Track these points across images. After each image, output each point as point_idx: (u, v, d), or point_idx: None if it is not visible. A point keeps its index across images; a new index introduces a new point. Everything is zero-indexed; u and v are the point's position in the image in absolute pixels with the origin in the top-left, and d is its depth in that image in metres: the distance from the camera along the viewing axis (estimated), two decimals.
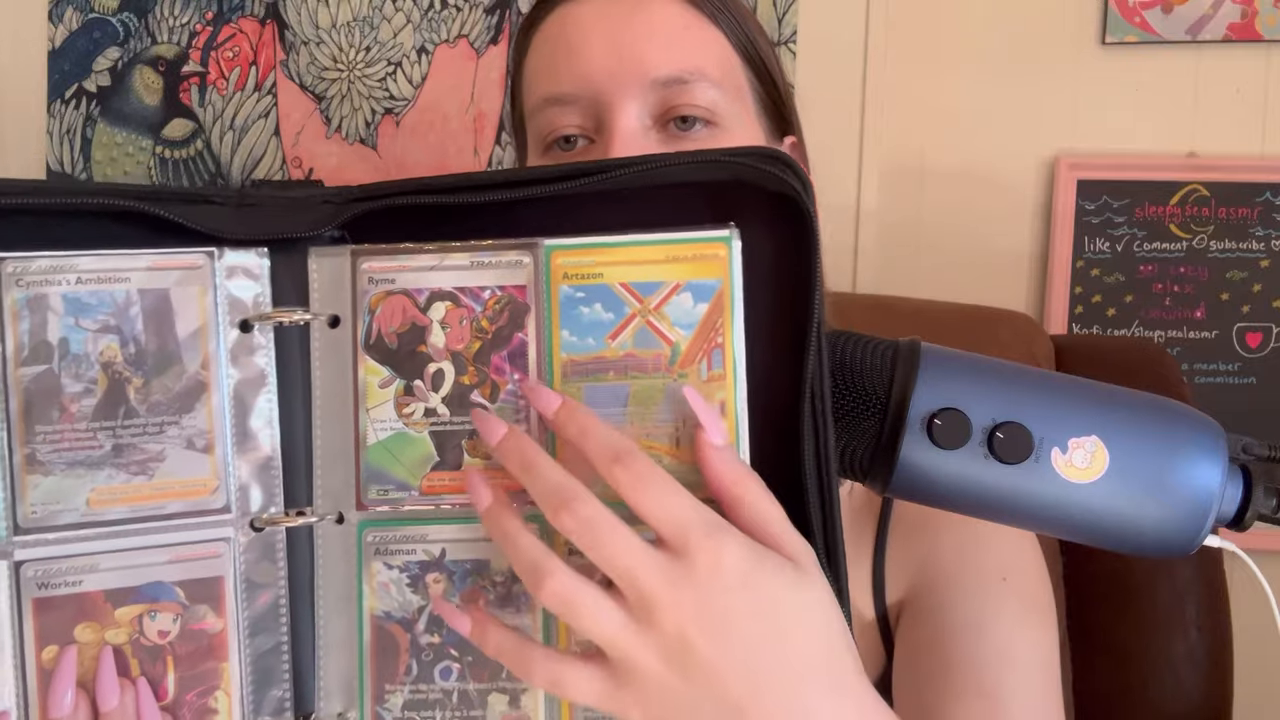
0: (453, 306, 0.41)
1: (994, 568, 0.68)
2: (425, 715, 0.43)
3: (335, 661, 0.44)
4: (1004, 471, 0.47)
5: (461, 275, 0.41)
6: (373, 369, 0.42)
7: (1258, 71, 1.34)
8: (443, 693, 0.43)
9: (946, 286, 1.34)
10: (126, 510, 0.41)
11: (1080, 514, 0.47)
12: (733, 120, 0.64)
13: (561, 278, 0.41)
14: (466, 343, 0.42)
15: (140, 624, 0.42)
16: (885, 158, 1.44)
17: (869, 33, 1.43)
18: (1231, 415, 1.33)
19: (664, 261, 0.40)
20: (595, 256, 0.41)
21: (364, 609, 0.43)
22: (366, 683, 0.44)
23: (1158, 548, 0.48)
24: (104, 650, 0.41)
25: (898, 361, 0.48)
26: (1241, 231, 1.35)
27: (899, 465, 0.47)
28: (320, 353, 0.42)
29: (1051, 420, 0.47)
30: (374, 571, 0.43)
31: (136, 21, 1.66)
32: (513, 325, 0.41)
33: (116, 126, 1.68)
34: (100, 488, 0.41)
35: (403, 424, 0.42)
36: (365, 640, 0.43)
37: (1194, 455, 0.47)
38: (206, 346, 0.41)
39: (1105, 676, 1.12)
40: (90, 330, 0.40)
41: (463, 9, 1.58)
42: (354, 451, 0.42)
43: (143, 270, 0.40)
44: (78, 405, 0.40)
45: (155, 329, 0.41)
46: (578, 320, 0.41)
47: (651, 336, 0.41)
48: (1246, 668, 1.12)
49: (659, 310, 0.41)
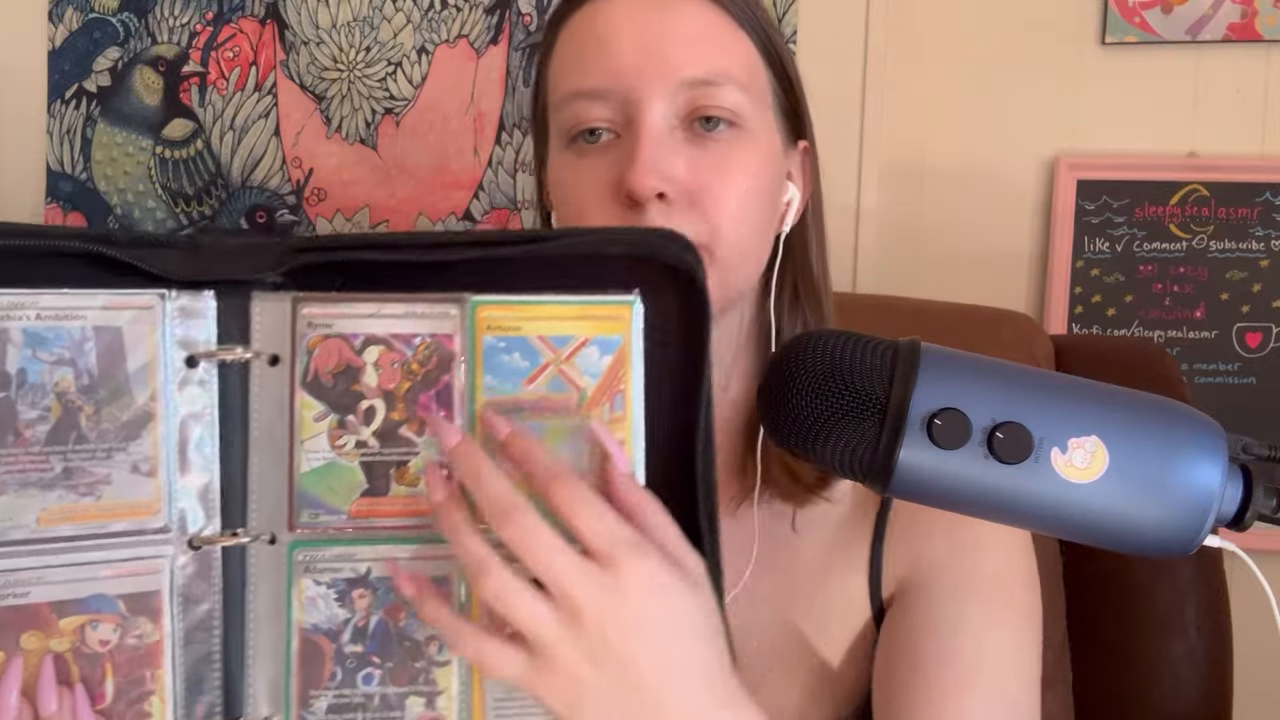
0: (386, 350, 0.46)
1: (980, 570, 0.68)
2: (348, 718, 0.47)
3: (264, 670, 0.47)
4: (1004, 471, 0.47)
5: (396, 323, 0.46)
6: (308, 404, 0.46)
7: (1257, 71, 1.34)
8: (364, 696, 0.47)
9: (946, 286, 1.34)
10: (74, 528, 0.44)
11: (1080, 514, 0.47)
12: (754, 122, 0.65)
13: (485, 329, 0.46)
14: (397, 383, 0.46)
15: (83, 633, 0.45)
16: (885, 158, 1.44)
17: (869, 33, 1.43)
18: (1231, 415, 1.33)
19: (576, 319, 0.47)
20: (516, 312, 0.46)
21: (292, 621, 0.47)
22: (293, 688, 0.47)
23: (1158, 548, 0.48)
24: (45, 659, 0.44)
25: (897, 361, 0.49)
26: (1241, 231, 1.35)
27: (899, 465, 0.47)
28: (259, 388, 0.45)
29: (1051, 420, 0.47)
30: (303, 587, 0.46)
31: (137, 21, 1.66)
32: (440, 369, 0.46)
33: (117, 126, 1.68)
34: (51, 507, 0.44)
35: (335, 454, 0.46)
36: (293, 650, 0.47)
37: (1194, 455, 0.47)
38: (154, 380, 0.45)
39: (1105, 676, 1.12)
40: (47, 362, 0.43)
41: (463, 9, 1.58)
42: (288, 478, 0.46)
43: (98, 309, 0.44)
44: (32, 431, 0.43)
45: (107, 363, 0.44)
46: (499, 367, 0.46)
47: (563, 383, 0.47)
48: (1246, 668, 1.12)
49: (570, 360, 0.47)
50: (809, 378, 0.50)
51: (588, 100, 0.64)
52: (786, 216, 0.70)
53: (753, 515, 0.70)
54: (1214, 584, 1.10)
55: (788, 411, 0.50)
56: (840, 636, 0.71)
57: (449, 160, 1.61)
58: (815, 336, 0.51)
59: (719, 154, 0.63)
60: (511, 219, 1.59)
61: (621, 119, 0.63)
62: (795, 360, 0.50)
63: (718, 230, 0.62)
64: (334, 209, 1.64)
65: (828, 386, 0.49)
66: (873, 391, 0.48)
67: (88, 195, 1.70)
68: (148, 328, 0.44)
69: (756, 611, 0.71)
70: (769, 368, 0.52)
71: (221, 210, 1.67)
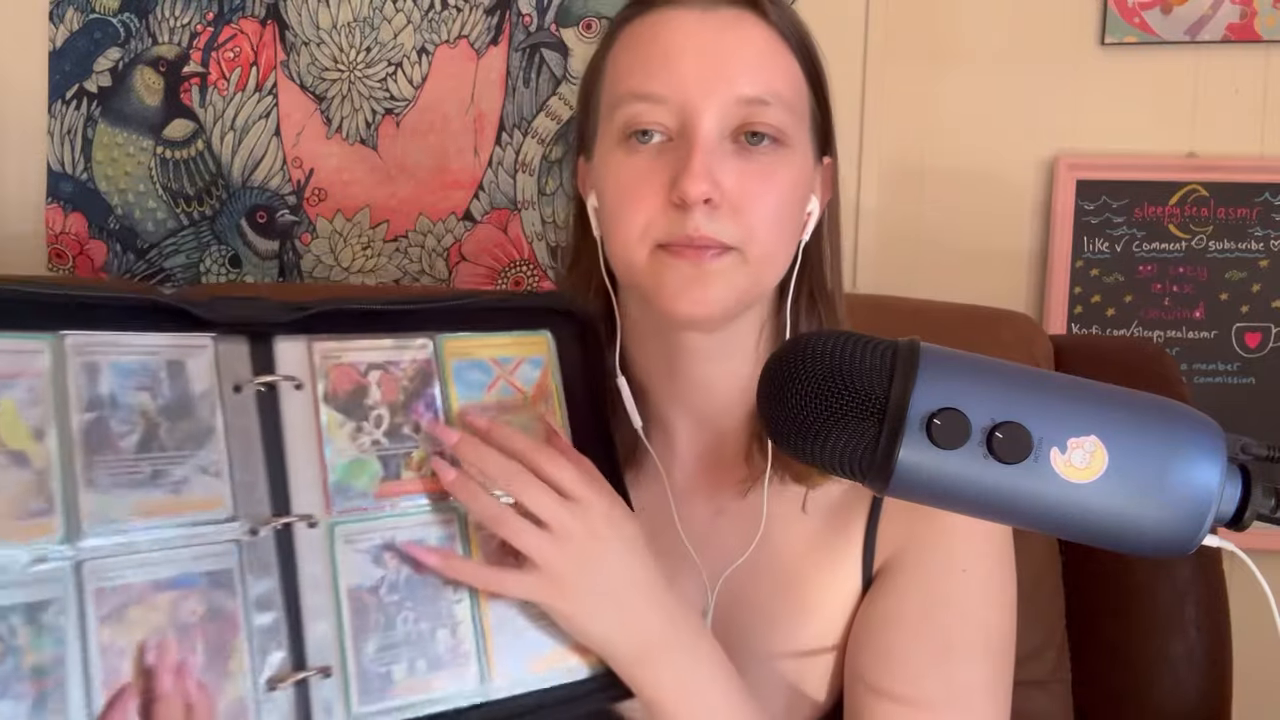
0: (384, 373, 0.62)
1: (958, 558, 0.72)
2: (393, 653, 0.60)
3: (319, 625, 0.58)
4: (1003, 471, 0.47)
5: (387, 353, 0.62)
6: (332, 416, 0.60)
7: (1257, 72, 1.35)
8: (403, 635, 0.60)
9: (946, 286, 1.34)
10: (162, 520, 0.54)
11: (1079, 514, 0.47)
12: (794, 140, 0.71)
13: (451, 355, 0.64)
14: (395, 396, 0.62)
15: (176, 606, 0.54)
16: (885, 158, 1.44)
17: (869, 33, 1.43)
18: (1230, 415, 1.33)
19: (513, 346, 0.67)
20: (472, 343, 0.65)
21: (339, 584, 0.59)
22: (347, 637, 0.59)
23: (1157, 547, 0.48)
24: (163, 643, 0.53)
25: (897, 361, 0.49)
26: (1240, 232, 1.35)
27: (898, 465, 0.47)
28: (288, 406, 0.58)
29: (1050, 420, 0.47)
30: (345, 555, 0.59)
31: (137, 22, 1.67)
32: (423, 384, 0.63)
33: (117, 127, 1.68)
34: (143, 502, 0.54)
35: (357, 452, 0.61)
36: (343, 606, 0.59)
37: (1193, 455, 0.47)
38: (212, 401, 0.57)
39: (1105, 676, 1.13)
40: (131, 388, 0.54)
41: (463, 10, 1.58)
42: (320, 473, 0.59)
43: (168, 346, 0.56)
44: (124, 442, 0.54)
45: (176, 388, 0.56)
46: (465, 381, 0.64)
47: (510, 389, 0.66)
48: (1245, 668, 1.13)
49: (513, 374, 0.67)
50: (808, 378, 0.50)
51: (647, 104, 0.68)
52: (808, 226, 0.75)
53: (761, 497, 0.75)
54: (1213, 584, 1.10)
55: (787, 412, 0.50)
56: (834, 610, 0.75)
57: (449, 160, 1.61)
58: (814, 337, 0.51)
59: (762, 167, 0.68)
60: (511, 219, 1.59)
61: (676, 125, 0.68)
62: (794, 360, 0.51)
63: (754, 235, 0.68)
64: (334, 209, 1.64)
65: (827, 386, 0.49)
66: (872, 391, 0.48)
67: (88, 195, 1.70)
68: (205, 362, 0.57)
69: (757, 584, 0.75)
70: (767, 368, 0.52)
71: (222, 210, 1.67)
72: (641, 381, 0.77)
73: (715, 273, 0.68)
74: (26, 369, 0.51)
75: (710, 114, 0.67)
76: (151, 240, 1.70)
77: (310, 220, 1.65)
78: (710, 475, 0.78)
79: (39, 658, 0.49)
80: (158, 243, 1.70)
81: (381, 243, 1.64)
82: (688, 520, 0.76)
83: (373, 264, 1.64)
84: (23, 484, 0.50)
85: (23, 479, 0.50)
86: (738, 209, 0.67)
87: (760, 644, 0.75)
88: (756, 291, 0.72)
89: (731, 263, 0.68)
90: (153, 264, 1.71)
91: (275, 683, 0.56)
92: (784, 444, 0.52)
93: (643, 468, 0.77)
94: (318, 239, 1.65)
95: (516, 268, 1.59)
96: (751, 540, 0.74)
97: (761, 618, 0.75)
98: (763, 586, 0.75)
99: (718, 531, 0.76)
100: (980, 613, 0.72)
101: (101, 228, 1.71)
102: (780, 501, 0.75)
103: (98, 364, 0.53)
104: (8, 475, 0.50)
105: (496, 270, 1.60)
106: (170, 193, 1.68)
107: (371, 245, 1.64)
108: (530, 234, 1.59)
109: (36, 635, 0.49)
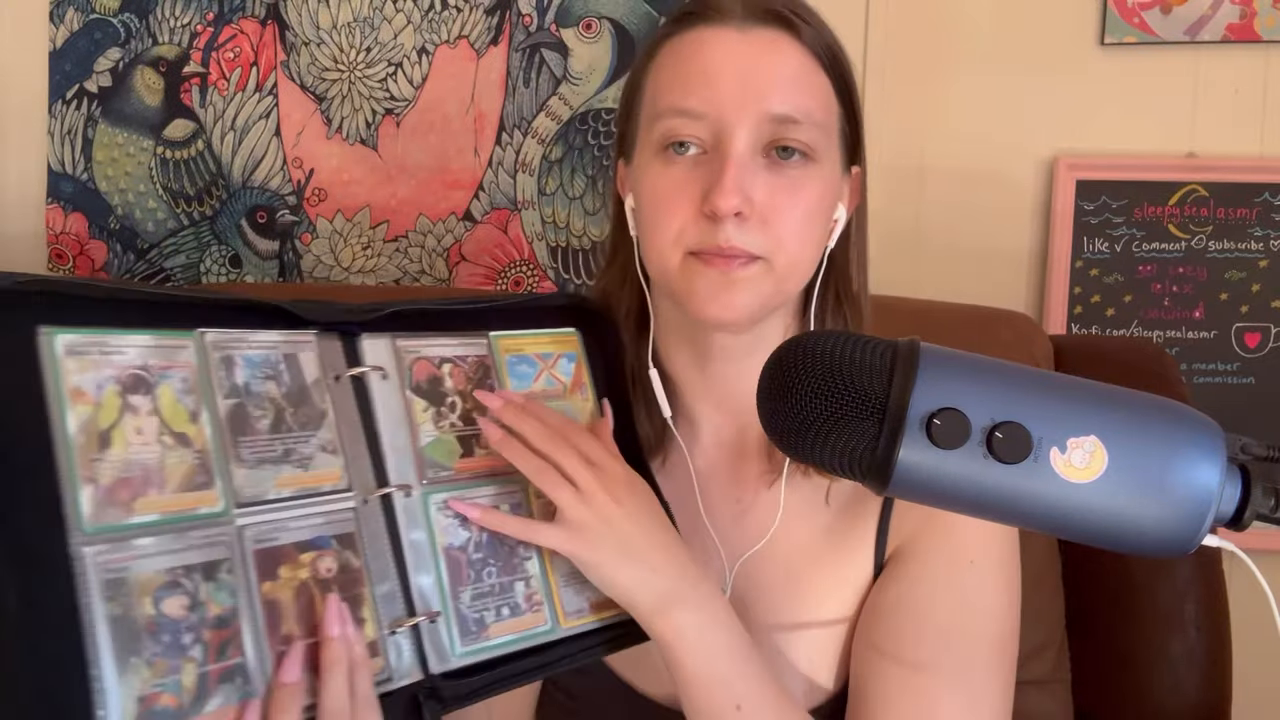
0: (454, 366, 0.72)
1: (965, 550, 0.75)
2: (483, 601, 0.70)
3: (422, 578, 0.68)
4: (1003, 471, 0.47)
5: (454, 349, 0.72)
6: (417, 403, 0.70)
7: (1256, 72, 1.35)
8: (490, 586, 0.70)
9: (946, 286, 1.34)
10: (296, 490, 0.63)
11: (1079, 513, 0.48)
12: (823, 155, 0.75)
13: (503, 351, 0.74)
14: (464, 385, 0.72)
15: (315, 565, 0.62)
16: (885, 157, 1.44)
17: (869, 34, 1.43)
18: (1230, 415, 1.33)
19: (550, 342, 0.77)
20: (519, 341, 0.75)
21: (436, 543, 0.69)
22: (446, 588, 0.68)
23: (1156, 547, 0.48)
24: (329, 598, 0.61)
25: (897, 361, 0.49)
26: (1240, 232, 1.35)
27: (898, 465, 0.47)
28: (377, 393, 0.68)
29: (1050, 420, 0.47)
30: (436, 520, 0.68)
31: (137, 22, 1.67)
32: (484, 375, 0.74)
33: (118, 127, 1.68)
34: (281, 477, 0.62)
35: (439, 432, 0.71)
36: (440, 562, 0.68)
37: (1192, 455, 0.47)
38: (321, 388, 0.66)
39: (1104, 676, 1.13)
40: (260, 378, 0.63)
41: (463, 10, 1.58)
42: (412, 449, 0.68)
43: (283, 342, 0.65)
44: (260, 424, 0.62)
45: (294, 377, 0.65)
46: (516, 373, 0.75)
47: (553, 380, 0.77)
48: (1245, 668, 1.13)
49: (554, 367, 0.77)
50: (808, 378, 0.50)
51: (685, 119, 0.73)
52: (834, 233, 0.78)
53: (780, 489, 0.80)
54: (1213, 584, 1.10)
55: (787, 411, 0.50)
56: (848, 595, 0.78)
57: (449, 160, 1.61)
58: (814, 337, 0.51)
59: (791, 181, 0.73)
60: (511, 219, 1.59)
61: (711, 139, 0.72)
62: (794, 360, 0.51)
63: (780, 245, 0.72)
64: (334, 209, 1.64)
65: (827, 386, 0.49)
66: (872, 391, 0.48)
67: (89, 195, 1.70)
68: (312, 355, 0.65)
69: (774, 569, 0.79)
70: (768, 367, 0.52)
71: (222, 210, 1.67)
72: (671, 374, 0.82)
73: (742, 280, 0.72)
74: (177, 361, 0.59)
75: (744, 130, 0.71)
76: (152, 240, 1.70)
77: (310, 220, 1.65)
78: (733, 466, 0.82)
79: (220, 610, 0.57)
80: (158, 243, 1.70)
81: (381, 243, 1.64)
82: (711, 507, 0.81)
83: (373, 264, 1.64)
84: (188, 461, 0.58)
85: (187, 456, 0.58)
86: (766, 220, 0.72)
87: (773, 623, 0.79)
88: (781, 297, 0.76)
89: (758, 271, 0.73)
90: (153, 264, 1.71)
91: (394, 627, 0.65)
92: (783, 443, 0.52)
93: (668, 456, 0.82)
94: (318, 239, 1.65)
95: (516, 268, 1.59)
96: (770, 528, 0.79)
97: (776, 601, 0.79)
98: (779, 571, 0.79)
99: (739, 519, 0.80)
100: (986, 601, 0.75)
101: (102, 228, 1.71)
102: (801, 492, 0.79)
103: (232, 357, 0.62)
104: (175, 454, 0.58)
105: (496, 270, 1.60)
106: (170, 193, 1.69)
107: (371, 245, 1.64)
108: (530, 234, 1.59)
109: (215, 590, 0.57)
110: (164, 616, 0.54)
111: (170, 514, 0.56)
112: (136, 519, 0.55)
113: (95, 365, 0.56)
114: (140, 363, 0.57)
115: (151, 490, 0.56)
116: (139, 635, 0.53)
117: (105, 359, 0.56)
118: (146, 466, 0.56)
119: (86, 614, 0.52)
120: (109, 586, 0.53)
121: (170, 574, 0.55)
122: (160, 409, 0.57)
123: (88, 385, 0.55)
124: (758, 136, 0.72)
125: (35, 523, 0.52)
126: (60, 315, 0.55)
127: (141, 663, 0.53)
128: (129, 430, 0.56)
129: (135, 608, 0.54)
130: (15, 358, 0.54)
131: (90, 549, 0.53)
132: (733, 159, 0.71)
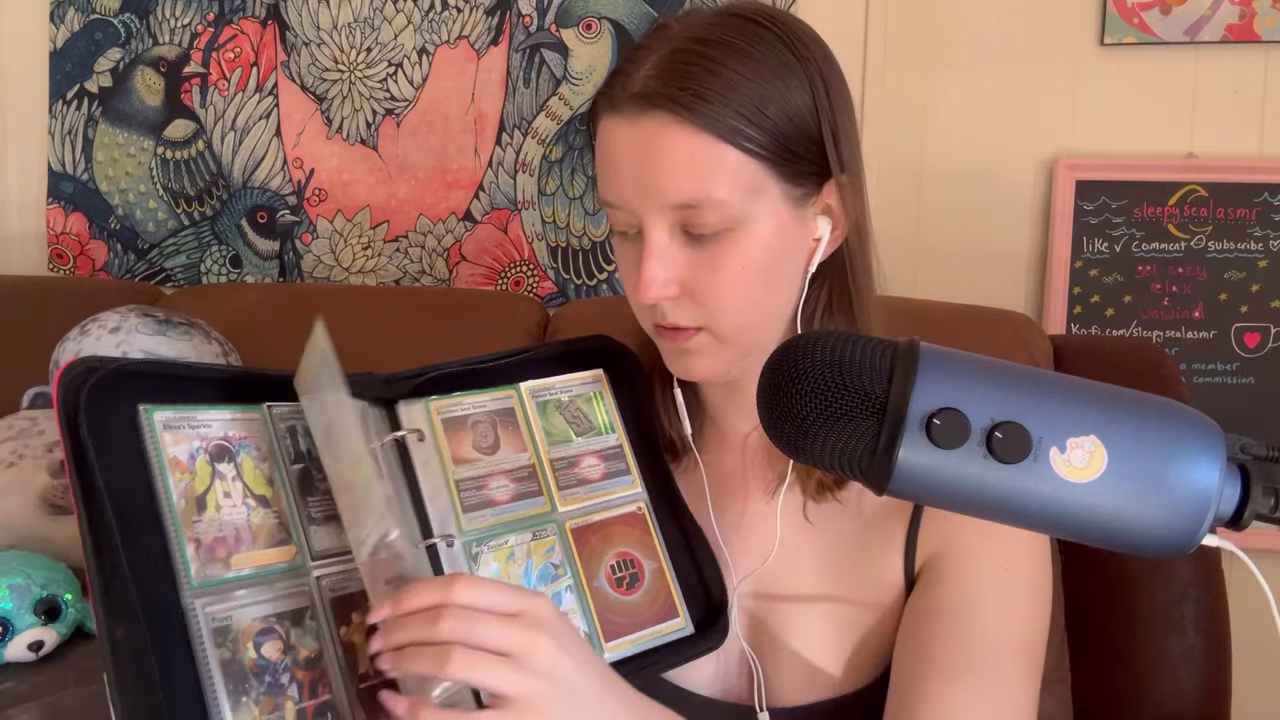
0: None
1: (999, 557, 0.75)
2: None
3: None
4: (1003, 471, 0.47)
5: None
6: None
7: (1256, 72, 1.35)
8: None
9: (946, 287, 1.34)
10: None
11: (1078, 513, 0.48)
12: (749, 216, 0.72)
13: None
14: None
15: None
16: (885, 158, 1.44)
17: (869, 33, 1.43)
18: (1230, 415, 1.33)
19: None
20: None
21: None
22: None
23: (1156, 547, 0.48)
24: None
25: (897, 361, 0.49)
26: (1240, 232, 1.35)
27: (898, 465, 0.47)
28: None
29: (1050, 420, 0.47)
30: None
31: (138, 22, 1.67)
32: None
33: (118, 127, 1.68)
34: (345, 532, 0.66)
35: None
36: None
37: (1192, 455, 0.47)
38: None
39: (1104, 676, 1.13)
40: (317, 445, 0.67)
41: (463, 10, 1.58)
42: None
43: None
44: (322, 485, 0.67)
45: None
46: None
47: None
48: (1245, 668, 1.13)
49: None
50: (808, 378, 0.50)
51: (612, 209, 0.75)
52: (816, 253, 0.76)
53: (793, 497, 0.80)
54: (1212, 584, 1.10)
55: (786, 412, 0.50)
56: (874, 605, 0.78)
57: (449, 161, 1.61)
58: (814, 337, 0.51)
59: (713, 255, 0.72)
60: (511, 219, 1.59)
61: (636, 226, 0.73)
62: (794, 360, 0.50)
63: (717, 315, 0.73)
64: (335, 209, 1.64)
65: (827, 386, 0.49)
66: (872, 391, 0.48)
67: (89, 195, 1.70)
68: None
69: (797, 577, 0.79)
70: (767, 368, 0.52)
71: (223, 210, 1.67)
72: (700, 387, 0.83)
73: (694, 349, 0.75)
74: (251, 432, 0.65)
75: (653, 220, 0.72)
76: (152, 240, 1.70)
77: (310, 220, 1.65)
78: (760, 473, 0.82)
79: (308, 652, 0.62)
80: (158, 243, 1.70)
81: (381, 243, 1.64)
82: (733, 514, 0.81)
83: (373, 264, 1.65)
84: (270, 520, 0.64)
85: (269, 516, 0.64)
86: (694, 296, 0.73)
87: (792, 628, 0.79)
88: (744, 353, 0.76)
89: (706, 340, 0.74)
90: (153, 264, 1.71)
91: None
92: (783, 443, 0.52)
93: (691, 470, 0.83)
94: (318, 239, 1.65)
95: (516, 268, 1.60)
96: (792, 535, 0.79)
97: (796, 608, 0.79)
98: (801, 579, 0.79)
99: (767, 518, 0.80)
100: (1021, 609, 0.75)
101: (102, 228, 1.71)
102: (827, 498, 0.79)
103: (295, 427, 0.67)
104: (258, 514, 0.64)
105: (496, 270, 1.60)
106: (171, 193, 1.69)
107: (371, 245, 1.64)
108: (530, 234, 1.59)
109: (302, 635, 0.62)
110: (264, 659, 0.60)
111: (260, 568, 0.62)
112: (233, 573, 0.61)
113: (187, 438, 0.63)
114: (222, 434, 0.64)
115: (243, 547, 0.62)
116: (246, 676, 0.59)
117: (194, 431, 0.63)
118: (237, 526, 0.62)
119: (202, 660, 0.58)
120: (217, 635, 0.59)
121: (265, 621, 0.61)
122: (243, 474, 0.64)
123: (183, 455, 0.62)
124: (668, 222, 0.71)
125: (154, 578, 0.58)
126: (154, 394, 0.62)
127: (251, 701, 0.59)
128: (219, 494, 0.63)
129: (240, 652, 0.60)
130: (125, 434, 0.60)
131: (199, 601, 0.59)
132: (649, 249, 0.72)
